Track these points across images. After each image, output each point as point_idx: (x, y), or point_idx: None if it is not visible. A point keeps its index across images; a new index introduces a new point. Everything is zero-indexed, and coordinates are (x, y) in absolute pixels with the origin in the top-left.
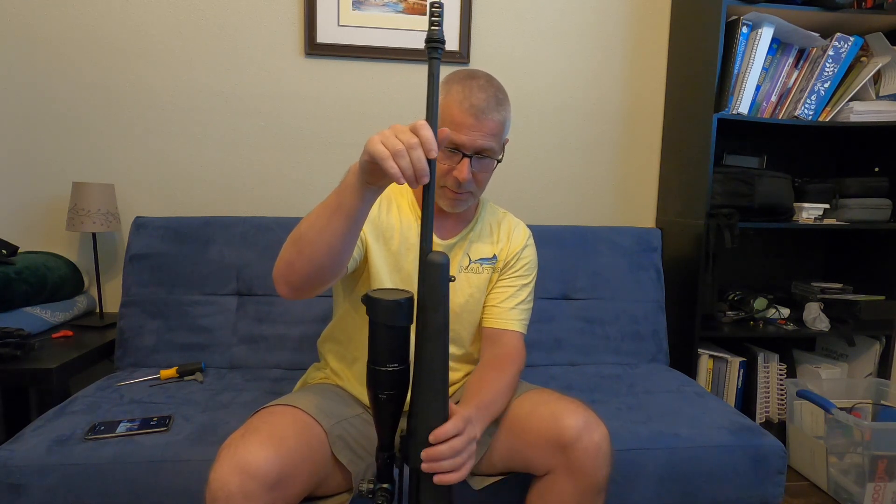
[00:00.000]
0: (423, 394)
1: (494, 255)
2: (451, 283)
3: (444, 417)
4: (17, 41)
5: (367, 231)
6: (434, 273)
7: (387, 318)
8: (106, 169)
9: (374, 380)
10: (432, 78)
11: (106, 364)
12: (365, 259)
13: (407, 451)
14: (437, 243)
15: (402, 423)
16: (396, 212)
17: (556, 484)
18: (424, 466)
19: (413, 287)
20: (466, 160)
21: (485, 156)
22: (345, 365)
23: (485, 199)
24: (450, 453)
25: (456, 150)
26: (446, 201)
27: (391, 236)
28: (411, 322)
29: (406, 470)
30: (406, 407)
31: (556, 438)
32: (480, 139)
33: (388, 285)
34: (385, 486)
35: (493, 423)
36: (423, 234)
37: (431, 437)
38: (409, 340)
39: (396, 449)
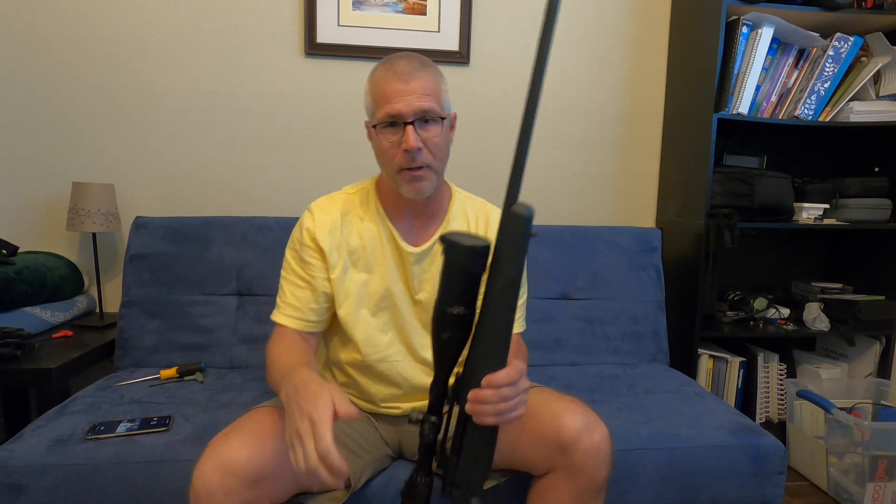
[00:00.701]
0: (484, 341)
1: None
2: (431, 284)
3: (502, 366)
4: (18, 42)
5: (339, 266)
6: (516, 225)
7: (462, 262)
8: (106, 169)
9: (440, 320)
10: (552, 14)
11: (106, 364)
12: (335, 304)
13: (459, 391)
14: (409, 252)
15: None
16: (357, 224)
17: (556, 484)
18: (468, 407)
19: (392, 333)
20: (410, 127)
21: (427, 119)
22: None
23: (454, 187)
24: (495, 399)
25: (396, 122)
26: (407, 185)
27: (358, 258)
28: (484, 270)
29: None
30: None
31: (555, 439)
32: (416, 100)
33: (364, 321)
34: (433, 418)
35: None
36: (511, 183)
37: (484, 382)
38: (478, 287)
39: (450, 389)
